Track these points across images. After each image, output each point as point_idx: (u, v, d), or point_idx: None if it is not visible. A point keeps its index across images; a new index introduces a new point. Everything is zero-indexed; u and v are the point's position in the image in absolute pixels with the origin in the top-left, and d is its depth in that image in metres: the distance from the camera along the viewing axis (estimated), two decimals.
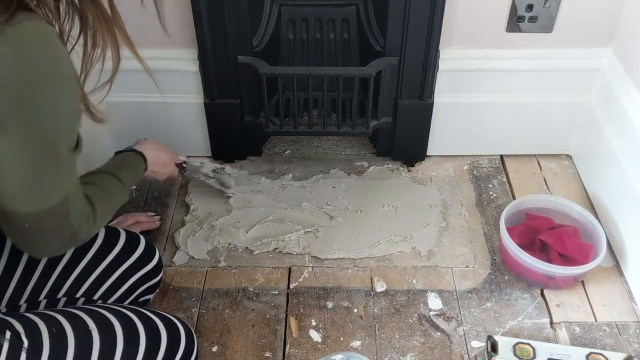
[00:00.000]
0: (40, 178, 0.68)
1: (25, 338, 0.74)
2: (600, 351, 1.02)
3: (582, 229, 1.22)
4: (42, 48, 0.61)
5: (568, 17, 1.24)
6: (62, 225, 0.74)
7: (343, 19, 1.34)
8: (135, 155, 1.08)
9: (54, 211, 0.71)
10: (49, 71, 0.62)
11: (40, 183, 0.68)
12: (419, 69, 1.27)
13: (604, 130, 1.30)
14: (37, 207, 0.69)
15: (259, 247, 1.25)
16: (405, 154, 1.46)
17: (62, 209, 0.72)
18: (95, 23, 0.69)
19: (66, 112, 0.67)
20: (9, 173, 0.65)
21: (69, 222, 0.74)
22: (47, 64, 0.61)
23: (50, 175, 0.69)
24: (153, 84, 1.27)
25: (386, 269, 1.21)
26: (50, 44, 0.62)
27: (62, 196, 0.71)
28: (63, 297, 0.92)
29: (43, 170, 0.68)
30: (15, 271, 0.89)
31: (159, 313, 0.90)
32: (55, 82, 0.63)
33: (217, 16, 1.19)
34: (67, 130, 0.69)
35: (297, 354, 1.07)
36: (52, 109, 0.65)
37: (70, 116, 0.68)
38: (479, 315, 1.13)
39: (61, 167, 0.69)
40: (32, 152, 0.65)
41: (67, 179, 0.72)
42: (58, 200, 0.71)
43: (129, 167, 1.03)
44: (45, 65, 0.61)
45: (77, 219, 0.76)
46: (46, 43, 0.61)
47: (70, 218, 0.74)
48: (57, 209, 0.71)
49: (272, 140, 1.53)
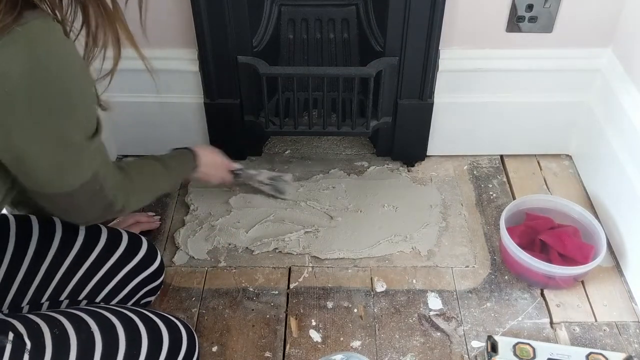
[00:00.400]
0: (65, 165, 0.73)
1: (27, 339, 0.74)
2: (600, 351, 1.02)
3: (582, 229, 1.22)
4: (52, 47, 0.62)
5: (568, 17, 1.24)
6: (98, 198, 0.80)
7: (343, 19, 1.34)
8: (188, 152, 1.13)
9: (85, 188, 0.76)
10: (61, 69, 0.64)
11: (65, 169, 0.73)
12: (419, 69, 1.27)
13: (604, 130, 1.30)
14: (68, 188, 0.75)
15: (259, 247, 1.25)
16: (405, 154, 1.46)
17: (92, 185, 0.77)
18: (97, 16, 0.70)
19: (81, 101, 0.70)
20: (35, 163, 0.70)
21: (103, 195, 0.80)
22: (57, 62, 0.63)
23: (73, 161, 0.73)
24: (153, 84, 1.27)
25: (386, 269, 1.21)
26: (59, 42, 0.63)
27: (89, 175, 0.76)
28: (65, 299, 0.92)
29: (65, 158, 0.72)
30: (18, 273, 0.88)
31: (160, 314, 0.90)
32: (68, 79, 0.65)
33: (217, 16, 1.19)
34: (83, 120, 0.72)
35: (297, 354, 1.07)
36: (66, 105, 0.67)
37: (85, 107, 0.72)
38: (479, 315, 1.13)
39: (83, 152, 0.74)
40: (52, 145, 0.69)
41: (91, 160, 0.76)
42: (86, 179, 0.76)
43: (178, 160, 1.09)
44: (56, 64, 0.63)
45: (112, 191, 0.82)
46: (55, 41, 0.63)
47: (105, 191, 0.80)
48: (88, 186, 0.77)
49: (272, 140, 1.53)
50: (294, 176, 1.42)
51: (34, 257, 0.90)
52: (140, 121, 1.39)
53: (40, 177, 0.72)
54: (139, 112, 1.38)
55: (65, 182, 0.74)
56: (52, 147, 0.69)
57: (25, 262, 0.89)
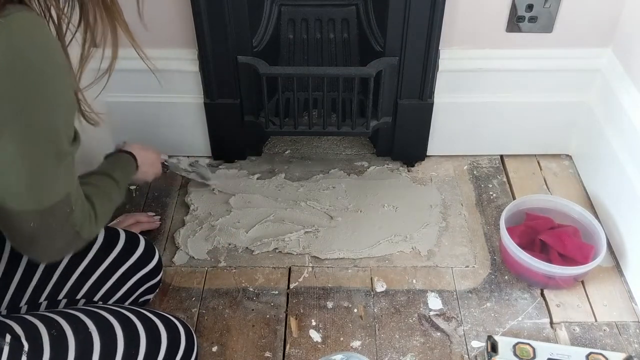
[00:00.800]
0: (43, 172, 0.67)
1: (25, 341, 0.74)
2: (600, 351, 1.02)
3: (582, 229, 1.22)
4: (34, 39, 0.59)
5: (568, 17, 1.24)
6: (66, 224, 0.73)
7: (343, 19, 1.34)
8: (125, 155, 1.08)
9: (58, 208, 0.70)
10: (41, 62, 0.61)
11: (42, 178, 0.67)
12: (419, 69, 1.27)
13: (604, 130, 1.30)
14: (42, 205, 0.68)
15: (259, 247, 1.25)
16: (405, 154, 1.46)
17: (65, 206, 0.71)
18: (95, 10, 0.68)
19: (61, 101, 0.66)
20: (10, 170, 0.64)
21: (72, 220, 0.73)
22: (38, 55, 0.60)
23: (52, 169, 0.68)
24: (153, 84, 1.27)
25: (386, 269, 1.21)
26: (42, 35, 0.61)
27: (65, 193, 0.70)
28: (63, 298, 0.92)
29: (44, 163, 0.66)
30: (16, 273, 0.88)
31: (159, 313, 0.90)
32: (48, 73, 0.62)
33: (217, 16, 1.19)
34: (64, 120, 0.67)
35: (297, 354, 1.07)
36: (47, 98, 0.63)
37: (65, 105, 0.67)
38: (479, 315, 1.13)
39: (62, 161, 0.68)
40: (31, 145, 0.64)
41: (68, 174, 0.71)
42: (61, 197, 0.70)
43: (121, 167, 1.02)
44: (36, 56, 0.60)
45: (80, 217, 0.75)
46: (37, 34, 0.60)
47: (74, 216, 0.73)
48: (60, 206, 0.70)
49: (272, 140, 1.53)
50: (294, 176, 1.43)
51: (31, 258, 0.90)
52: (140, 121, 1.39)
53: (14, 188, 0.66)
54: (139, 112, 1.38)
55: (41, 196, 0.68)
56: (31, 147, 0.64)
57: (22, 262, 0.89)
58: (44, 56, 0.60)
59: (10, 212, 0.67)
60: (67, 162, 0.69)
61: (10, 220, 0.69)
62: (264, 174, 1.43)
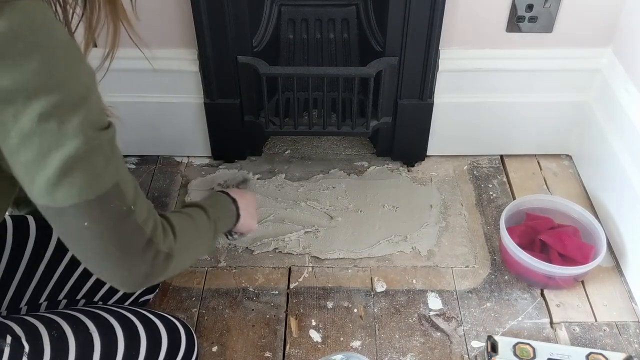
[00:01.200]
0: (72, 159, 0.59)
1: (26, 342, 0.74)
2: (600, 351, 1.02)
3: (582, 229, 1.22)
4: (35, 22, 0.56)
5: (568, 17, 1.24)
6: (129, 226, 0.65)
7: (343, 19, 1.34)
8: (226, 198, 0.96)
9: (107, 201, 0.62)
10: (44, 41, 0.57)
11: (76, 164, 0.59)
12: (419, 69, 1.27)
13: (604, 130, 1.30)
14: (85, 196, 0.61)
15: (259, 247, 1.25)
16: (405, 154, 1.46)
17: (116, 199, 0.63)
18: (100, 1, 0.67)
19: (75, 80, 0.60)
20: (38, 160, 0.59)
21: (136, 223, 0.65)
22: (41, 35, 0.57)
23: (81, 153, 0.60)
24: (153, 84, 1.28)
25: (386, 269, 1.21)
26: (44, 18, 0.58)
27: (110, 183, 0.63)
28: (64, 299, 0.92)
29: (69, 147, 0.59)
30: (16, 274, 0.88)
31: (159, 314, 0.90)
32: (53, 51, 0.58)
33: (217, 16, 1.19)
34: (84, 102, 0.60)
35: (297, 354, 1.07)
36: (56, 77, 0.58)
37: (81, 86, 0.60)
38: (479, 315, 1.13)
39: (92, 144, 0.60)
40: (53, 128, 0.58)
41: (108, 162, 0.62)
42: (107, 188, 0.62)
43: (220, 209, 0.92)
44: (39, 36, 0.57)
45: (147, 222, 0.67)
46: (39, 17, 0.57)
47: (137, 219, 0.65)
48: (109, 199, 0.63)
49: (272, 140, 1.53)
50: (294, 176, 1.43)
51: (31, 258, 0.90)
52: (140, 121, 1.39)
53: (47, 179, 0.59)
54: (139, 112, 1.38)
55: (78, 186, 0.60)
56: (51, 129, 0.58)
57: (22, 262, 0.89)
58: (47, 37, 0.57)
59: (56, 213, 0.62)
60: (100, 149, 0.62)
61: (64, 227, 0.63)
62: (264, 174, 1.43)
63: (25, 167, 0.59)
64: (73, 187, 0.60)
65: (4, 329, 0.74)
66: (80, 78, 0.61)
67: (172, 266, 0.71)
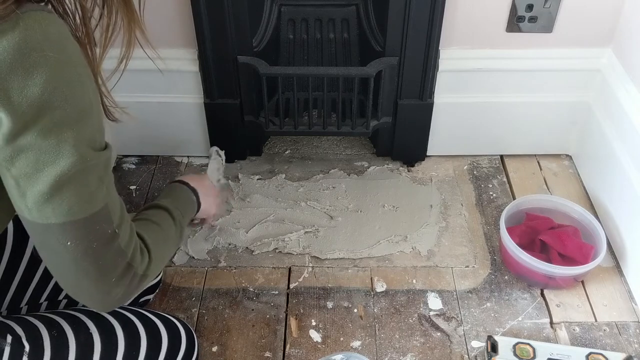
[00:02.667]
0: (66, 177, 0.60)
1: (26, 342, 0.74)
2: (600, 351, 1.02)
3: (582, 229, 1.22)
4: (49, 35, 0.57)
5: (568, 17, 1.24)
6: (112, 247, 0.65)
7: (343, 19, 1.34)
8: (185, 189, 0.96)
9: (95, 223, 0.63)
10: (57, 56, 0.58)
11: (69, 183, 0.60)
12: (419, 69, 1.27)
13: (604, 130, 1.30)
14: (73, 216, 0.61)
15: (259, 247, 1.25)
16: (405, 154, 1.46)
17: (103, 222, 0.64)
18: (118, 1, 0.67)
19: (80, 100, 0.60)
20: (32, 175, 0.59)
21: (118, 246, 0.65)
22: (54, 49, 0.57)
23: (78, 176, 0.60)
24: (153, 84, 1.28)
25: (386, 269, 1.21)
26: (58, 32, 0.58)
27: (100, 205, 0.63)
28: (64, 298, 0.92)
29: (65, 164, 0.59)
30: (16, 274, 0.88)
31: (159, 314, 0.90)
32: (63, 68, 0.58)
33: (217, 16, 1.19)
34: (85, 122, 0.61)
35: (297, 354, 1.07)
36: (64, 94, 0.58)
37: (85, 106, 0.61)
38: (479, 315, 1.13)
39: (88, 164, 0.61)
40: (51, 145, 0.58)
41: (100, 183, 0.63)
42: (96, 209, 0.62)
43: (181, 204, 0.91)
44: (52, 50, 0.57)
45: (128, 244, 0.67)
46: (53, 31, 0.58)
47: (119, 240, 0.65)
48: (98, 221, 0.63)
49: (272, 140, 1.53)
50: (294, 176, 1.43)
51: (31, 258, 0.90)
52: (140, 121, 1.38)
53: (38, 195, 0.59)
54: (139, 112, 1.37)
55: (68, 205, 0.60)
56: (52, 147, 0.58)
57: (23, 262, 0.89)
58: (60, 53, 0.58)
59: (40, 228, 0.62)
60: (95, 169, 0.62)
61: (46, 243, 0.63)
62: (264, 174, 1.43)
63: (16, 180, 0.59)
64: (63, 205, 0.60)
65: (5, 329, 0.74)
66: (85, 96, 0.61)
67: (144, 284, 0.72)
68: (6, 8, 0.55)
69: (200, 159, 1.47)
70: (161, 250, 0.76)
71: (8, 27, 0.55)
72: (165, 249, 0.79)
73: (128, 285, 0.68)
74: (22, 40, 0.55)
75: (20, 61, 0.55)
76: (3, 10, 0.54)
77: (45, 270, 0.90)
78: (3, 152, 0.58)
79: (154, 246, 0.74)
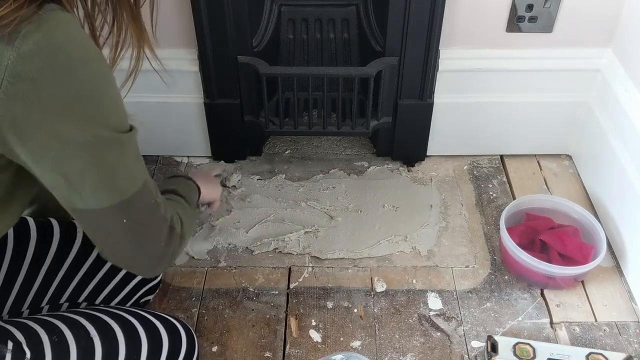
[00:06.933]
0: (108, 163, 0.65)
1: (27, 348, 0.73)
2: (600, 351, 1.02)
3: (582, 229, 1.22)
4: (71, 34, 0.60)
5: (568, 17, 1.24)
6: (157, 214, 0.73)
7: (343, 19, 1.34)
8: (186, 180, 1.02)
9: (141, 198, 0.69)
10: (81, 54, 0.60)
11: (110, 169, 0.65)
12: (419, 69, 1.27)
13: (604, 130, 1.30)
14: (122, 195, 0.67)
15: (259, 247, 1.25)
16: (405, 154, 1.46)
17: (146, 195, 0.71)
18: (127, 18, 0.69)
19: (106, 91, 0.64)
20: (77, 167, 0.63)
21: (161, 212, 0.73)
22: (77, 48, 0.60)
23: (116, 159, 0.65)
24: (153, 84, 1.28)
25: (386, 269, 1.21)
26: (78, 30, 0.61)
27: (142, 181, 0.69)
28: (65, 302, 0.92)
29: (107, 154, 0.64)
30: (17, 278, 0.88)
31: (160, 316, 0.90)
32: (88, 64, 0.61)
33: (217, 16, 1.19)
34: (113, 110, 0.65)
35: (297, 354, 1.07)
36: (91, 89, 0.62)
37: (111, 95, 0.65)
38: (479, 315, 1.13)
39: (124, 150, 0.66)
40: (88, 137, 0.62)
41: (138, 163, 0.69)
42: (139, 186, 0.69)
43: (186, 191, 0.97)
44: (76, 49, 0.60)
45: (166, 209, 0.75)
46: (75, 30, 0.60)
47: (161, 208, 0.73)
48: (142, 196, 0.70)
49: (272, 140, 1.53)
50: (294, 176, 1.43)
51: (32, 261, 0.89)
52: (140, 121, 1.39)
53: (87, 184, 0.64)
54: (139, 112, 1.37)
55: (116, 187, 0.66)
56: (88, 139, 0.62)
57: (24, 266, 0.89)
58: (83, 50, 0.61)
59: (95, 214, 0.67)
60: (131, 151, 0.68)
61: (101, 226, 0.69)
62: (264, 174, 1.43)
63: (65, 176, 0.63)
64: (112, 188, 0.66)
65: (5, 335, 0.74)
66: (110, 88, 0.65)
67: (183, 245, 0.81)
68: (29, 10, 0.56)
69: (200, 159, 1.47)
70: (185, 214, 0.84)
71: (32, 28, 0.57)
72: (186, 215, 0.85)
73: (174, 246, 0.77)
74: (47, 41, 0.57)
75: (46, 62, 0.57)
76: (26, 12, 0.56)
77: (46, 274, 0.90)
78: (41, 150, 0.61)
79: (180, 209, 0.83)
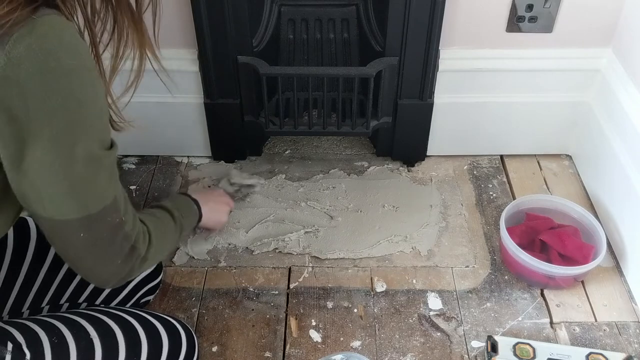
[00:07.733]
0: (82, 176, 0.65)
1: (27, 349, 0.73)
2: (600, 351, 1.02)
3: (582, 229, 1.22)
4: (64, 40, 0.59)
5: (568, 17, 1.24)
6: (119, 234, 0.71)
7: (343, 19, 1.34)
8: (187, 199, 1.05)
9: (106, 215, 0.69)
10: (72, 63, 0.60)
11: (83, 182, 0.65)
12: (419, 69, 1.27)
13: (604, 130, 1.30)
14: (88, 210, 0.67)
15: (259, 247, 1.25)
16: (405, 154, 1.46)
17: (113, 213, 0.70)
18: (128, 24, 0.69)
19: (93, 104, 0.64)
20: (48, 175, 0.63)
21: (125, 231, 0.72)
22: (69, 55, 0.59)
23: (92, 173, 0.65)
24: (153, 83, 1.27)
25: (386, 269, 1.21)
26: (72, 37, 0.60)
27: (111, 198, 0.69)
28: (65, 302, 0.92)
29: (82, 167, 0.64)
30: (17, 278, 0.88)
31: (160, 317, 0.90)
32: (78, 72, 0.61)
33: (217, 16, 1.19)
34: (97, 123, 0.65)
35: (297, 354, 1.07)
36: (78, 99, 0.61)
37: (97, 109, 0.65)
38: (479, 315, 1.13)
39: (101, 165, 0.66)
40: (66, 147, 0.62)
41: (112, 179, 0.69)
42: (107, 202, 0.68)
43: (183, 210, 0.98)
44: (67, 56, 0.59)
45: (132, 230, 0.74)
46: (68, 36, 0.60)
47: (126, 227, 0.72)
48: (108, 213, 0.69)
49: (272, 140, 1.53)
50: (294, 176, 1.43)
51: (32, 262, 0.89)
52: (140, 121, 1.38)
53: (56, 197, 0.64)
54: (139, 112, 1.37)
55: (85, 202, 0.66)
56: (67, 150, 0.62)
57: (24, 267, 0.89)
58: (73, 56, 0.60)
59: (57, 224, 0.67)
60: (106, 169, 0.67)
61: (60, 235, 0.69)
62: (264, 174, 1.43)
63: (32, 183, 0.63)
64: (79, 202, 0.66)
65: (5, 336, 0.74)
66: (97, 99, 0.65)
67: (145, 266, 0.79)
68: (23, 14, 0.56)
69: (200, 159, 1.47)
70: (160, 237, 0.82)
71: (24, 32, 0.56)
72: (163, 238, 0.85)
73: (132, 266, 0.75)
74: (38, 46, 0.57)
75: (36, 67, 0.57)
76: (20, 15, 0.56)
77: (46, 274, 0.90)
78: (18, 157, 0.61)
79: (154, 230, 0.80)
